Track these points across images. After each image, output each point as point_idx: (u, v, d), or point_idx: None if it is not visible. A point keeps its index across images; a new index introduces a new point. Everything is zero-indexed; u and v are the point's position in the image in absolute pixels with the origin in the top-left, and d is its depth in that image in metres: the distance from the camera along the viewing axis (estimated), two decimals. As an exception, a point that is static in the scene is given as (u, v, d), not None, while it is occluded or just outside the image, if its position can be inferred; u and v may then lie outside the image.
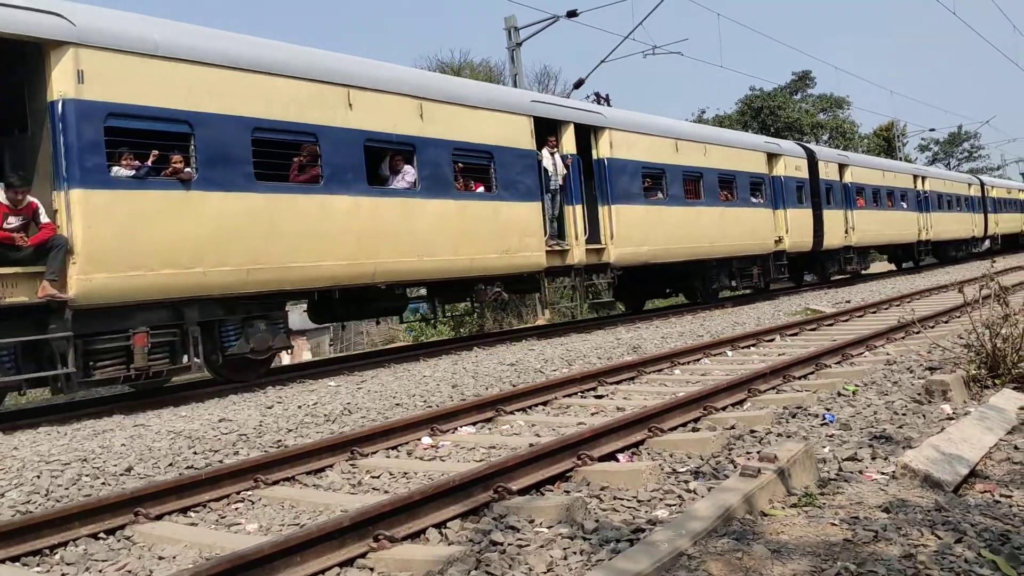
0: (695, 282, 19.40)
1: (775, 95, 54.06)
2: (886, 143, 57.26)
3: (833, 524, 3.60)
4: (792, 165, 22.27)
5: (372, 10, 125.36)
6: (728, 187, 19.39)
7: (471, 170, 13.06)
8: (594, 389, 8.19)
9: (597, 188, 15.40)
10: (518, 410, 7.30)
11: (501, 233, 13.00)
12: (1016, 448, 4.93)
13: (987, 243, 40.83)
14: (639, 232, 16.02)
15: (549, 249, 13.94)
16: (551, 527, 3.92)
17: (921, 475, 4.20)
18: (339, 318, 13.99)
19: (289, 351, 15.20)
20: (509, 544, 3.70)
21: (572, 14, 21.79)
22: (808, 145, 25.82)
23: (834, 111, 57.22)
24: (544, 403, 7.64)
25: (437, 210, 12.02)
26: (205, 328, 9.63)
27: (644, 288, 20.28)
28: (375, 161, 11.67)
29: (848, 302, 16.81)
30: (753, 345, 11.02)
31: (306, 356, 27.21)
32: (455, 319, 23.94)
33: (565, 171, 14.37)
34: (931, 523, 3.57)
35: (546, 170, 14.04)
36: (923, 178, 32.34)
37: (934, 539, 3.40)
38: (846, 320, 13.43)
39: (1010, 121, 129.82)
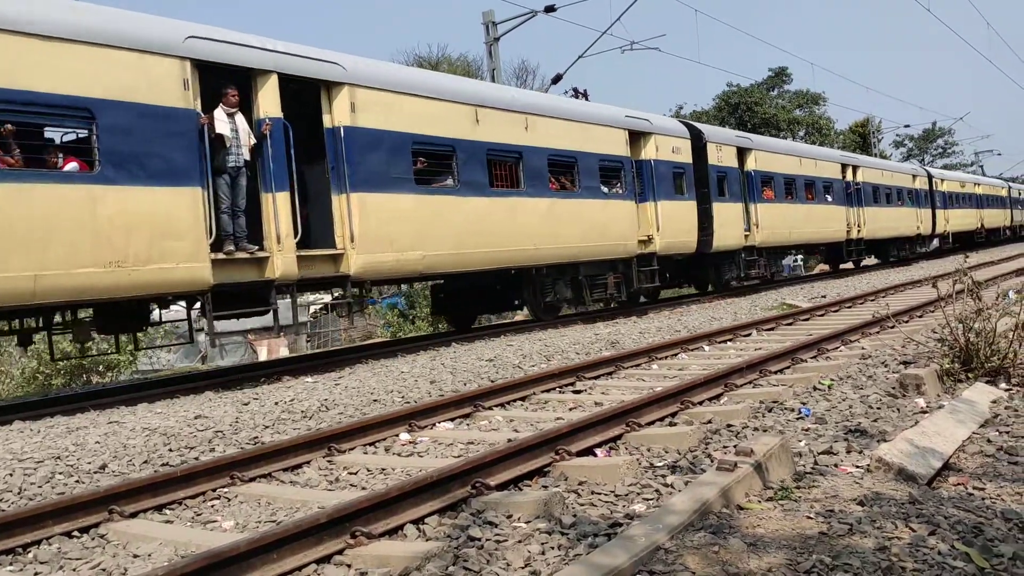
0: (525, 294, 15.36)
1: (752, 91, 54.38)
2: (861, 139, 57.78)
3: (809, 517, 3.62)
4: (667, 147, 17.91)
5: (353, 6, 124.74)
6: (565, 172, 15.16)
7: (47, 138, 9.04)
8: (572, 384, 8.22)
9: (331, 169, 10.99)
10: (496, 405, 7.31)
11: (109, 235, 8.54)
12: (988, 441, 4.99)
13: (936, 242, 37.16)
14: (407, 231, 11.72)
15: (225, 257, 9.64)
16: (529, 522, 3.93)
17: (895, 468, 4.24)
18: None
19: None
20: (487, 539, 3.70)
21: (550, 9, 21.75)
22: (694, 123, 21.12)
23: (810, 107, 57.64)
24: (522, 398, 7.65)
25: None
26: None
27: (468, 302, 16.40)
28: None
29: (824, 297, 16.96)
30: (730, 340, 11.11)
31: (283, 352, 27.04)
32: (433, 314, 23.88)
33: (256, 142, 10.08)
34: (905, 516, 3.61)
35: (221, 138, 9.74)
36: (854, 167, 27.98)
37: (908, 532, 3.44)
38: (822, 315, 13.56)
39: (984, 118, 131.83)
